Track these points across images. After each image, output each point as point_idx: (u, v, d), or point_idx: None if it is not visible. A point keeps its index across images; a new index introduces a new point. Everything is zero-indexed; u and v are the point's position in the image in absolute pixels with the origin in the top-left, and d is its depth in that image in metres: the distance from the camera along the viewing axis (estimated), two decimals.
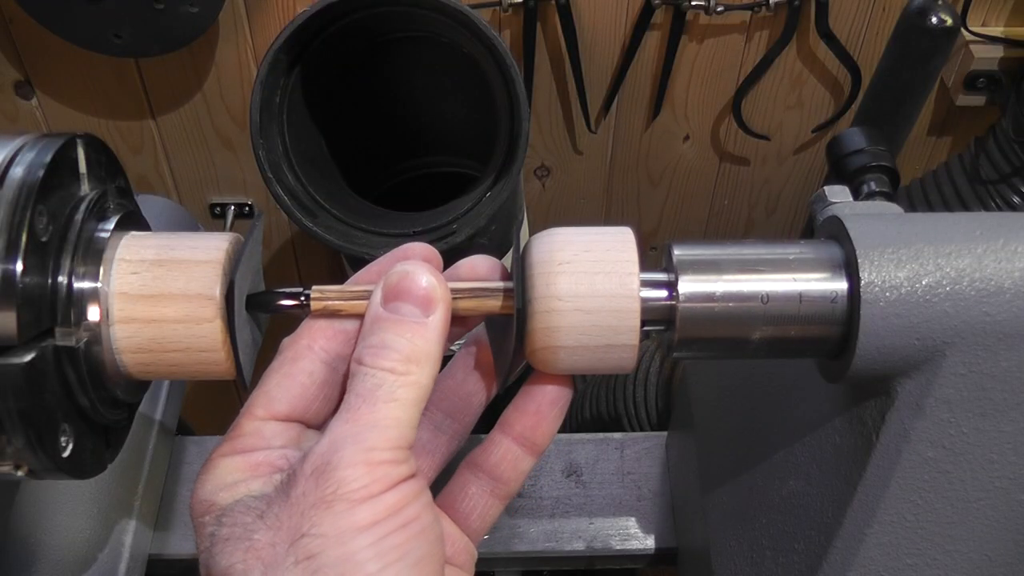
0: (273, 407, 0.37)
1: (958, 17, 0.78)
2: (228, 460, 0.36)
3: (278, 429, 0.37)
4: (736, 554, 0.55)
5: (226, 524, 0.34)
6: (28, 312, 0.33)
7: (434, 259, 0.39)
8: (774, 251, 0.41)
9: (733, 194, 1.40)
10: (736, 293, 0.40)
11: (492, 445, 0.41)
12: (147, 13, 1.05)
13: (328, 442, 0.34)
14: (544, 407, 0.40)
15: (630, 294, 0.37)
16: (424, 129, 1.10)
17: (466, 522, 0.41)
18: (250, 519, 0.34)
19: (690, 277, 0.40)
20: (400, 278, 0.37)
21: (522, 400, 0.41)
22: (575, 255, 0.38)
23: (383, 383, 0.35)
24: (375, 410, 0.35)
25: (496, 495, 0.41)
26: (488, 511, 0.41)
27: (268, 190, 0.82)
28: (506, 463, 0.41)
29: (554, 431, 0.41)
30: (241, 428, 0.37)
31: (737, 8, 1.14)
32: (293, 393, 0.37)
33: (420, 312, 0.36)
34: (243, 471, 0.36)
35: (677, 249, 0.41)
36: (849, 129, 0.75)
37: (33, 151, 0.35)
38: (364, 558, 0.32)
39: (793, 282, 0.40)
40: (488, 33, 0.78)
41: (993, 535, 0.44)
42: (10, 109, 1.22)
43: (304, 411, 0.38)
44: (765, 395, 0.54)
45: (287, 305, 0.39)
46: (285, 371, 0.38)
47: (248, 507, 0.34)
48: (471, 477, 0.41)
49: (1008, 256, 0.40)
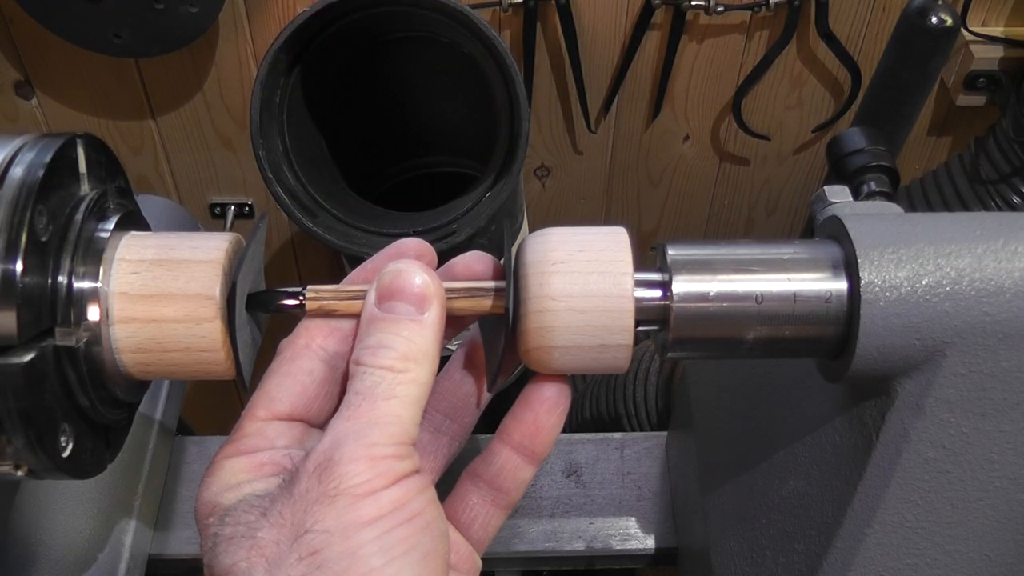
0: (274, 407, 0.37)
1: (958, 17, 0.78)
2: (232, 461, 0.36)
3: (281, 429, 0.37)
4: (736, 554, 0.55)
5: (229, 523, 0.34)
6: (28, 312, 0.33)
7: (427, 254, 0.40)
8: (769, 251, 0.41)
9: (733, 194, 1.40)
10: (730, 293, 0.40)
11: (492, 455, 0.41)
12: (147, 13, 1.05)
13: (330, 439, 0.34)
14: (542, 416, 0.40)
15: (624, 294, 0.37)
16: (424, 129, 1.10)
17: (468, 532, 0.41)
18: (253, 517, 0.34)
19: (684, 277, 0.40)
20: (393, 277, 0.37)
21: (520, 409, 0.40)
22: (569, 255, 0.38)
23: (382, 381, 0.35)
24: (375, 407, 0.35)
25: (497, 505, 0.41)
26: (490, 521, 0.41)
27: (268, 190, 0.82)
28: (506, 473, 0.41)
29: (553, 439, 0.40)
30: (244, 429, 0.37)
31: (737, 8, 1.14)
32: (294, 392, 0.37)
33: (415, 310, 0.36)
34: (247, 472, 0.36)
35: (671, 249, 0.41)
36: (849, 129, 0.75)
37: (33, 151, 0.35)
38: (368, 552, 0.32)
39: (787, 282, 0.40)
40: (488, 33, 0.78)
41: (993, 535, 0.44)
42: (10, 109, 1.22)
43: (306, 410, 0.38)
44: (765, 395, 0.54)
45: (287, 305, 0.39)
46: (284, 371, 0.38)
47: (251, 506, 0.34)
48: (472, 487, 0.41)
49: (1008, 256, 0.40)
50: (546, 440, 0.40)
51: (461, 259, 0.41)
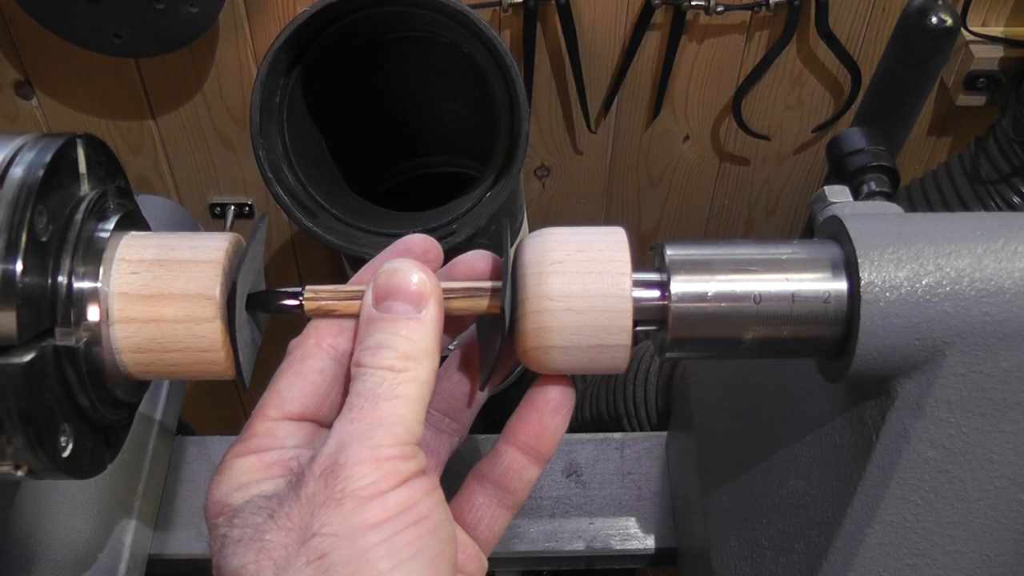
0: (285, 407, 0.37)
1: (958, 17, 0.78)
2: (242, 460, 0.36)
3: (291, 429, 0.37)
4: (736, 554, 0.55)
5: (237, 525, 0.34)
6: (28, 312, 0.33)
7: (433, 250, 0.40)
8: (767, 251, 0.41)
9: (733, 194, 1.40)
10: (728, 293, 0.40)
11: (497, 456, 0.41)
12: (147, 13, 1.05)
13: (335, 442, 0.34)
14: (547, 416, 0.40)
15: (622, 294, 0.37)
16: (424, 129, 1.10)
17: (474, 532, 0.41)
18: (261, 519, 0.34)
19: (682, 277, 0.39)
20: (388, 277, 0.37)
21: (524, 410, 0.40)
22: (567, 255, 0.38)
23: (383, 381, 0.35)
24: (378, 408, 0.34)
25: (504, 505, 0.41)
26: (496, 521, 0.41)
27: (268, 190, 0.82)
28: (512, 473, 0.41)
29: (558, 439, 0.40)
30: (254, 429, 0.37)
31: (737, 8, 1.14)
32: (305, 392, 0.37)
33: (412, 308, 0.36)
34: (256, 471, 0.36)
35: (670, 249, 0.41)
36: (849, 129, 0.75)
37: (33, 151, 0.35)
38: (376, 556, 0.32)
39: (786, 282, 0.40)
40: (488, 33, 0.78)
41: (993, 535, 0.44)
42: (10, 109, 1.22)
43: (317, 409, 0.38)
44: (765, 395, 0.54)
45: (288, 305, 0.39)
46: (295, 370, 0.38)
47: (259, 507, 0.34)
48: (478, 488, 0.41)
49: (1008, 256, 0.40)
50: (551, 440, 0.40)
51: (463, 259, 0.41)
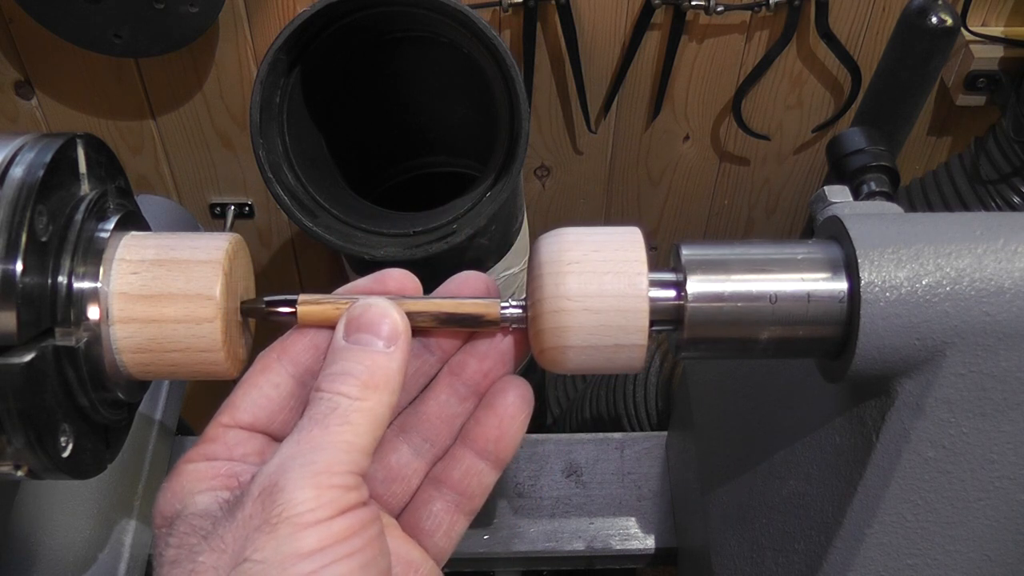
0: (236, 415, 0.37)
1: (958, 17, 0.78)
2: (192, 466, 0.36)
3: (241, 437, 0.37)
4: (736, 554, 0.55)
5: (172, 545, 0.34)
6: (28, 312, 0.33)
7: (410, 284, 0.39)
8: (782, 251, 0.41)
9: (733, 194, 1.40)
10: (745, 293, 0.39)
11: (455, 460, 0.40)
12: (147, 13, 1.05)
13: (277, 463, 0.33)
14: (506, 421, 0.39)
15: (639, 294, 0.37)
16: (424, 129, 1.10)
17: (431, 540, 0.40)
18: (195, 540, 0.33)
19: (699, 277, 0.39)
20: (362, 311, 0.37)
21: (484, 414, 0.40)
22: (584, 255, 0.38)
23: (338, 406, 0.34)
24: (327, 432, 0.34)
25: (461, 510, 0.40)
26: (454, 527, 0.40)
27: (268, 190, 0.82)
28: (471, 478, 0.40)
29: (517, 444, 0.40)
30: (207, 434, 0.37)
31: (737, 8, 1.14)
32: (258, 404, 0.37)
33: (382, 344, 0.36)
34: (202, 480, 0.35)
35: (686, 249, 0.40)
36: (849, 129, 0.75)
37: (33, 151, 0.35)
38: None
39: (802, 282, 0.40)
40: (488, 33, 0.78)
41: (993, 535, 0.44)
42: (10, 109, 1.22)
43: (268, 422, 0.38)
44: (765, 395, 0.54)
45: (280, 312, 0.39)
46: (252, 381, 0.38)
47: (193, 527, 0.34)
48: (435, 493, 0.40)
49: (1008, 256, 0.40)
50: (510, 445, 0.40)
51: (457, 278, 0.40)
